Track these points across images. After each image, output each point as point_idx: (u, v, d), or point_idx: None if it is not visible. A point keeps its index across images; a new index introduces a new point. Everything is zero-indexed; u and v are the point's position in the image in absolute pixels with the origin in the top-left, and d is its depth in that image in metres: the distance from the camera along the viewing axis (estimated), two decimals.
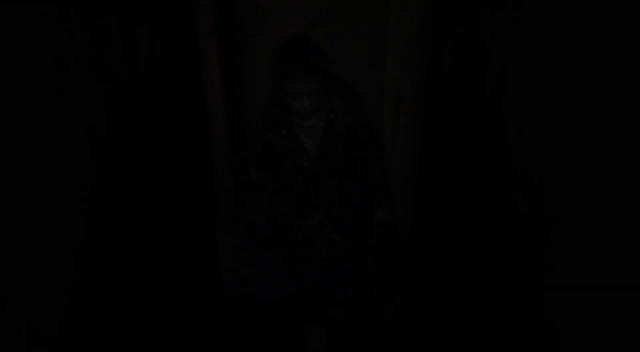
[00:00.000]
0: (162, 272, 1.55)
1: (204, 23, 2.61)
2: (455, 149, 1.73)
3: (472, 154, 1.54)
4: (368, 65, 2.90)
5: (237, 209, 3.23)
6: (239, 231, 3.06)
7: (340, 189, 1.74)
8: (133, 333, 1.27)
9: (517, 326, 1.21)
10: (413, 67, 2.32)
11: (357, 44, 2.85)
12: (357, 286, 1.97)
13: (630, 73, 0.71)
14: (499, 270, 1.34)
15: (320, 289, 2.03)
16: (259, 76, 2.99)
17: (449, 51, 1.82)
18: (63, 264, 0.91)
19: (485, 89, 1.40)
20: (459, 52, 1.68)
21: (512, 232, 1.22)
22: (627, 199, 0.73)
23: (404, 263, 1.72)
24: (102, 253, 1.08)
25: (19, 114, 0.78)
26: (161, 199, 1.56)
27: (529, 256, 1.12)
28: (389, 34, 2.75)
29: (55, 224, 0.88)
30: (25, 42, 0.80)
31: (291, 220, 1.80)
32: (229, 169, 3.09)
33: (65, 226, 0.92)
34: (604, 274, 0.80)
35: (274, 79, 1.51)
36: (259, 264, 2.42)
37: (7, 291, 0.72)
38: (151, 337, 1.42)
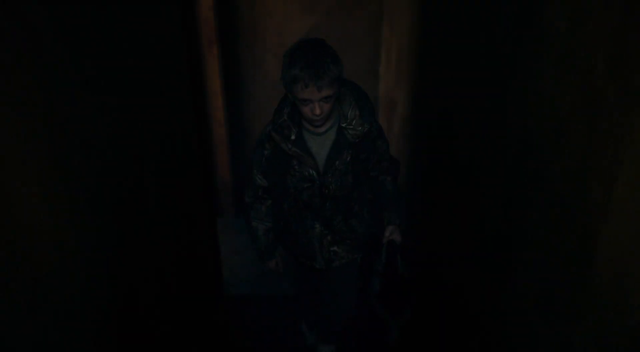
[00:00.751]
0: (169, 268, 1.66)
1: (205, 33, 2.73)
2: (442, 152, 1.84)
3: (456, 157, 1.66)
4: (363, 73, 3.03)
5: (237, 211, 3.35)
6: (239, 231, 3.18)
7: (346, 201, 1.64)
8: (141, 325, 1.38)
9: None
10: (405, 76, 2.44)
11: (352, 53, 2.97)
12: (361, 304, 1.86)
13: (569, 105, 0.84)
14: (480, 269, 1.45)
15: (318, 298, 1.94)
16: (258, 82, 3.12)
17: (436, 63, 1.94)
18: (89, 259, 1.03)
19: (467, 98, 1.53)
20: (444, 64, 1.80)
21: (489, 225, 1.34)
22: (574, 200, 0.85)
23: (411, 284, 1.63)
24: (121, 248, 1.21)
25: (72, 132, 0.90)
26: (169, 200, 1.67)
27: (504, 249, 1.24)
28: (382, 45, 2.88)
29: (89, 224, 1.00)
30: (67, 69, 0.92)
31: (292, 227, 1.72)
32: (230, 172, 3.22)
33: (96, 225, 1.04)
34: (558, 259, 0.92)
35: (284, 83, 1.42)
36: (257, 263, 2.51)
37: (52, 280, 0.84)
38: (156, 329, 1.53)
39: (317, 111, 1.39)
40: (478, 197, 1.44)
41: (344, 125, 1.50)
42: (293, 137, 1.51)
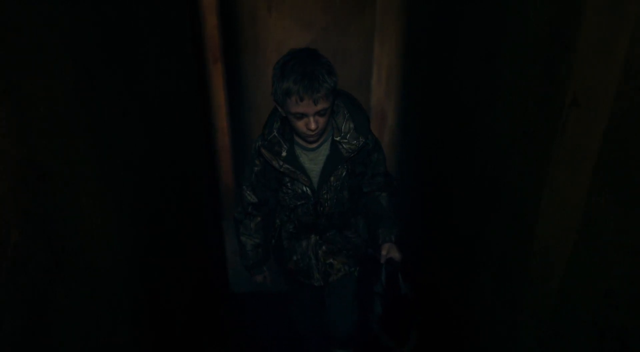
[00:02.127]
0: (184, 267, 1.87)
1: (210, 50, 2.95)
2: (427, 162, 2.06)
3: (435, 168, 1.87)
4: (357, 85, 3.27)
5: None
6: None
7: (342, 217, 1.56)
8: (164, 314, 1.59)
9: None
10: (394, 90, 2.67)
11: (346, 66, 3.21)
12: (363, 328, 1.75)
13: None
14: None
15: (316, 321, 1.85)
16: (259, 94, 3.34)
17: (421, 78, 2.16)
18: (128, 258, 1.24)
19: (443, 116, 1.74)
20: (429, 79, 2.02)
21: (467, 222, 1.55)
22: (517, 206, 1.09)
23: (415, 305, 1.54)
24: (149, 249, 1.42)
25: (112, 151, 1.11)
26: (184, 206, 1.88)
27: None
28: (374, 60, 3.11)
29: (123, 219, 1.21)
30: (110, 101, 1.14)
31: (286, 243, 1.65)
32: (232, 177, 3.44)
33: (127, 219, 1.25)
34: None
35: (276, 97, 1.31)
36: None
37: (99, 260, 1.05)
38: (176, 319, 1.74)
39: (313, 126, 1.29)
40: (451, 202, 1.67)
41: (337, 139, 1.41)
42: (284, 153, 1.43)
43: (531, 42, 1.01)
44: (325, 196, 1.48)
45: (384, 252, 1.49)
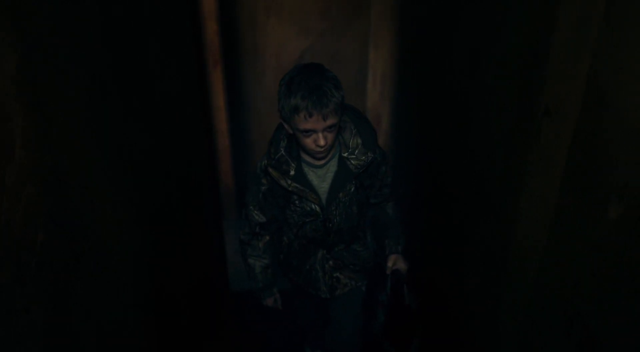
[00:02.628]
0: (188, 265, 1.94)
1: (210, 54, 3.03)
2: (422, 165, 2.13)
3: (430, 170, 1.95)
4: (353, 89, 3.34)
5: (239, 214, 3.64)
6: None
7: (351, 231, 1.55)
8: (169, 311, 1.67)
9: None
10: (388, 95, 2.76)
11: (343, 71, 3.28)
12: (366, 336, 1.77)
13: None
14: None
15: (320, 326, 1.88)
16: (258, 97, 3.42)
17: (415, 82, 2.24)
18: (136, 256, 1.32)
19: (437, 120, 1.82)
20: (423, 83, 2.10)
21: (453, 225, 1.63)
22: (503, 205, 1.17)
23: (418, 315, 1.56)
24: (154, 248, 1.50)
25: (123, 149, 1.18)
26: (186, 206, 1.95)
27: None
28: (369, 65, 3.20)
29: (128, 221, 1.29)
30: (120, 107, 1.22)
31: (294, 261, 1.64)
32: (232, 178, 3.52)
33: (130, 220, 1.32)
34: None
35: (283, 114, 1.28)
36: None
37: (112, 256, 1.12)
38: (179, 316, 1.81)
39: (322, 142, 1.27)
40: (444, 204, 1.75)
41: (345, 155, 1.39)
42: (292, 172, 1.40)
43: (512, 55, 1.09)
44: (334, 212, 1.46)
45: (389, 264, 1.50)
